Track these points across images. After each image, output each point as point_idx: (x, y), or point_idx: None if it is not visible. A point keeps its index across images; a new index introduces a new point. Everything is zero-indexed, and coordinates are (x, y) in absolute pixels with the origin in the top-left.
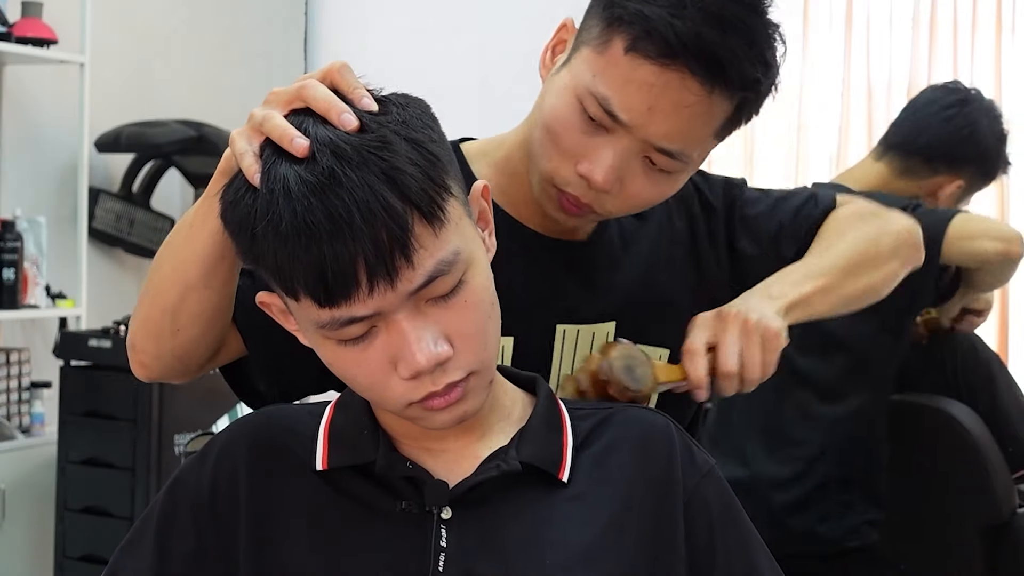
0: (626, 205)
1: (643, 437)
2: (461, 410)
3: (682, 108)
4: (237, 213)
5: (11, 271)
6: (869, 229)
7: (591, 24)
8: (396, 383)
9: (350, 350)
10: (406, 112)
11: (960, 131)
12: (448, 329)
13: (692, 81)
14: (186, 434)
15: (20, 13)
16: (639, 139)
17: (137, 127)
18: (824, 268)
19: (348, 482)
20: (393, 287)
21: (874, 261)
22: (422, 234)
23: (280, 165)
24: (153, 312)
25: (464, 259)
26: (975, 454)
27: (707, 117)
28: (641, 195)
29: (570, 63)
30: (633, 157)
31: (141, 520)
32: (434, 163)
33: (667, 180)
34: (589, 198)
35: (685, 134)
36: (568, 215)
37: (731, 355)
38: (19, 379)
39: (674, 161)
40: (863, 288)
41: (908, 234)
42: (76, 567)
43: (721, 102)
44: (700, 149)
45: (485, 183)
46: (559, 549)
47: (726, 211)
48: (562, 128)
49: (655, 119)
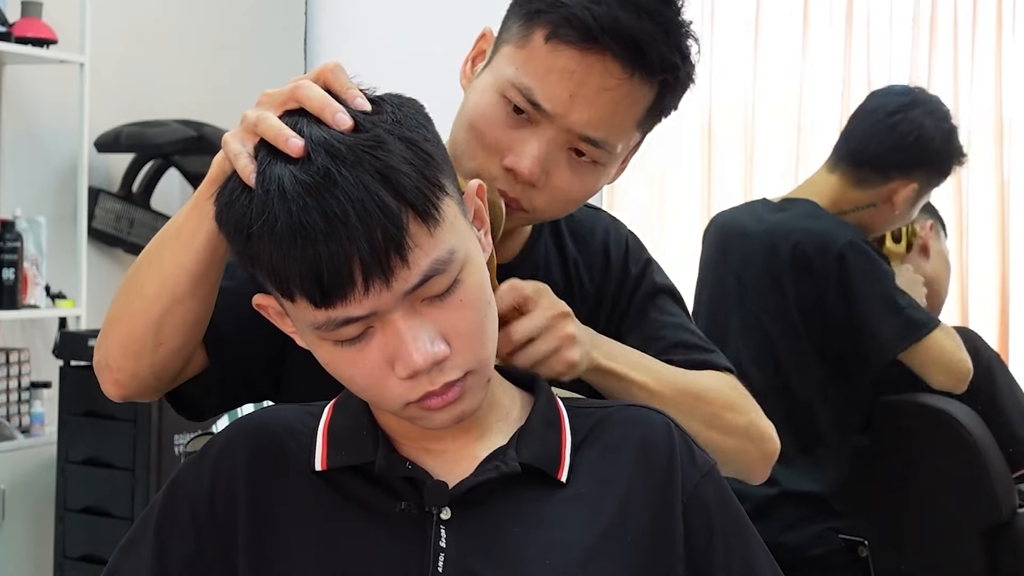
0: (554, 201)
1: (642, 437)
2: (459, 409)
3: (604, 93)
4: (232, 214)
5: (11, 271)
6: (732, 398)
7: (510, 24)
8: (394, 383)
9: (347, 351)
10: (400, 112)
11: (906, 137)
12: (444, 328)
13: (613, 64)
14: (186, 434)
15: (20, 13)
16: (563, 128)
17: (137, 127)
18: (664, 377)
19: (347, 483)
20: (389, 286)
21: (712, 419)
22: (417, 233)
23: (275, 165)
24: (134, 328)
25: (460, 258)
26: (975, 454)
27: (629, 103)
28: (567, 188)
29: (491, 64)
30: (558, 149)
31: (140, 520)
32: (428, 162)
33: (592, 172)
34: (516, 192)
35: (608, 121)
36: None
37: (526, 329)
38: (19, 379)
39: (599, 150)
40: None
41: (763, 438)
42: (76, 567)
43: (642, 86)
44: (624, 139)
45: (480, 183)
46: (558, 549)
47: (641, 301)
48: (486, 124)
49: (578, 106)
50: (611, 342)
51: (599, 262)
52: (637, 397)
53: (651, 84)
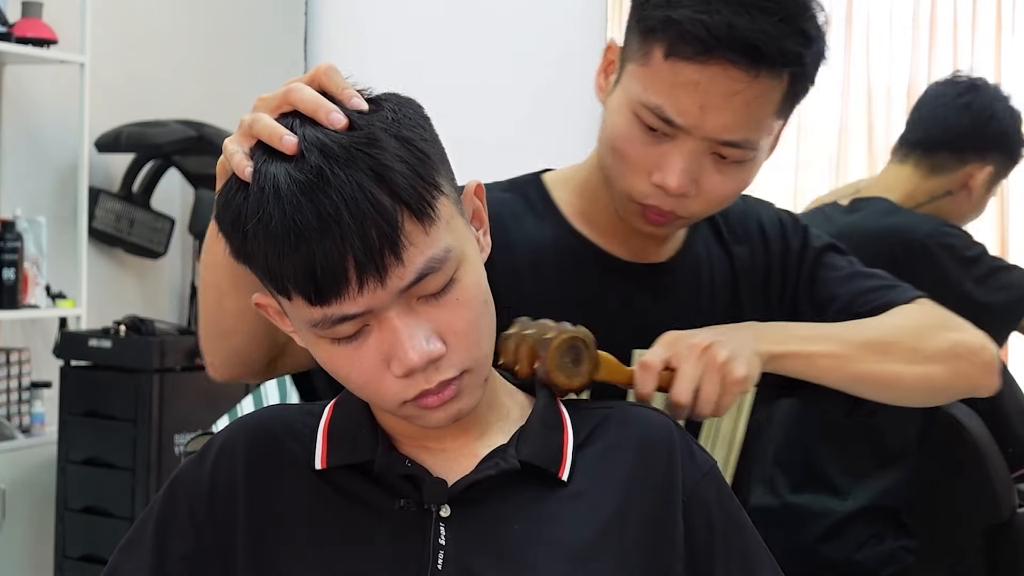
0: (709, 203)
1: (643, 437)
2: (455, 408)
3: (732, 97)
4: (229, 213)
5: (11, 271)
6: (924, 324)
7: (630, 40)
8: (390, 381)
9: (343, 348)
10: (397, 111)
11: (981, 115)
12: (440, 327)
13: (735, 70)
14: (186, 434)
15: (20, 13)
16: (701, 138)
17: (137, 127)
18: (844, 338)
19: (347, 481)
20: (383, 284)
21: (910, 355)
22: (412, 231)
23: (271, 164)
24: (206, 317)
25: (455, 257)
26: (975, 454)
27: (760, 101)
28: (720, 191)
29: (620, 82)
30: (701, 156)
31: (140, 520)
32: (424, 161)
33: (741, 170)
34: (670, 205)
35: (744, 123)
36: (657, 226)
37: (686, 388)
38: (19, 379)
39: (742, 151)
40: (884, 374)
41: (972, 352)
42: (76, 567)
43: (770, 82)
44: (765, 133)
45: (479, 183)
46: (558, 548)
47: (809, 269)
48: (627, 145)
49: (709, 115)
50: (776, 326)
51: (759, 244)
52: (827, 369)
53: (779, 78)
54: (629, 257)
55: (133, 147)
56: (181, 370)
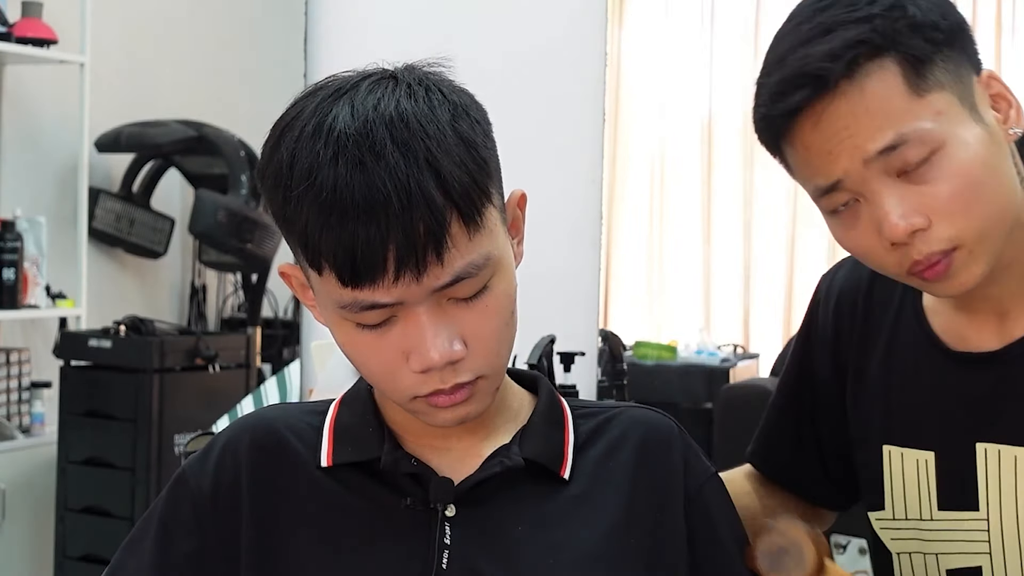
0: (953, 212)
1: (646, 438)
2: (464, 411)
3: (837, 121)
4: (272, 167)
5: (11, 271)
6: None
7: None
8: (406, 374)
9: (366, 335)
10: (468, 113)
11: None
12: (465, 330)
13: (819, 104)
14: (186, 434)
15: (20, 13)
16: (869, 172)
17: (137, 127)
18: None
19: (352, 479)
20: (418, 281)
21: None
22: (457, 234)
23: (333, 115)
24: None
25: (492, 265)
26: None
27: (875, 98)
28: (946, 190)
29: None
30: (889, 182)
31: (143, 519)
32: (482, 167)
33: (944, 154)
34: (925, 250)
35: (881, 125)
36: (938, 276)
37: None
38: (19, 379)
39: (912, 145)
40: None
41: None
42: (76, 567)
43: (862, 81)
44: (912, 114)
45: (523, 192)
46: (563, 548)
47: None
48: (840, 239)
49: (845, 152)
50: None
51: None
52: None
53: (864, 72)
54: (961, 348)
55: (133, 147)
56: (181, 370)
